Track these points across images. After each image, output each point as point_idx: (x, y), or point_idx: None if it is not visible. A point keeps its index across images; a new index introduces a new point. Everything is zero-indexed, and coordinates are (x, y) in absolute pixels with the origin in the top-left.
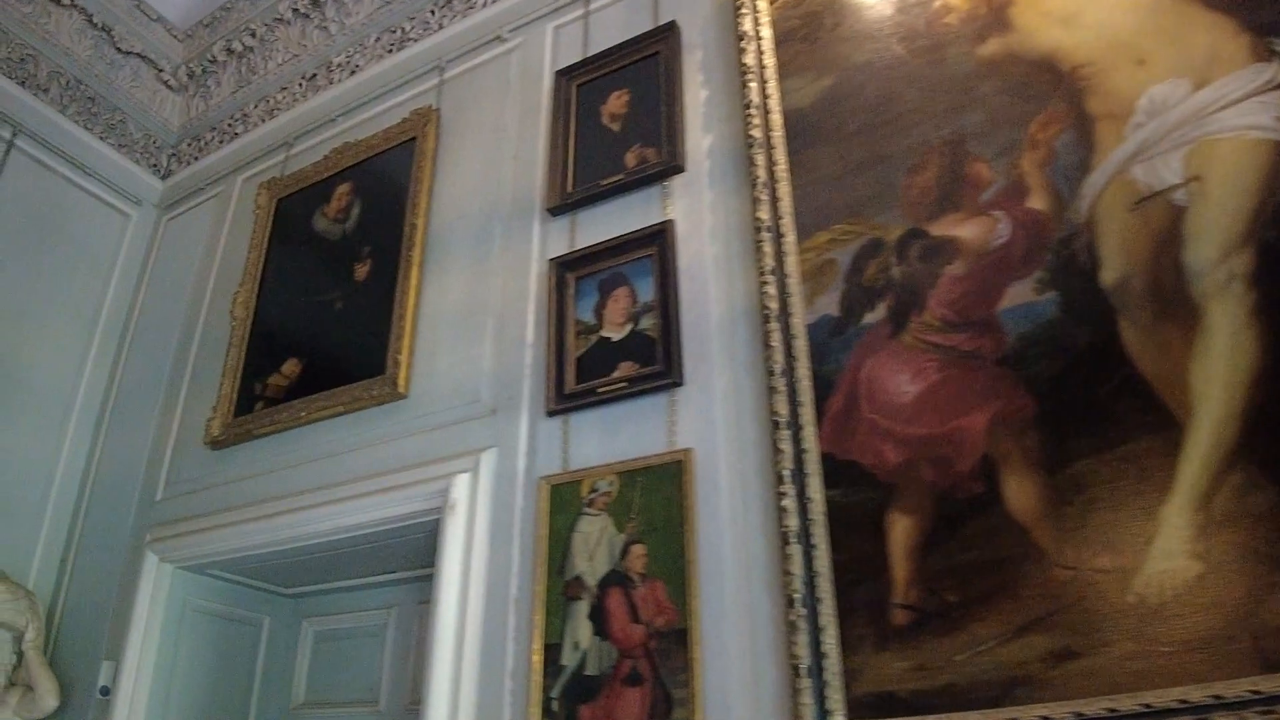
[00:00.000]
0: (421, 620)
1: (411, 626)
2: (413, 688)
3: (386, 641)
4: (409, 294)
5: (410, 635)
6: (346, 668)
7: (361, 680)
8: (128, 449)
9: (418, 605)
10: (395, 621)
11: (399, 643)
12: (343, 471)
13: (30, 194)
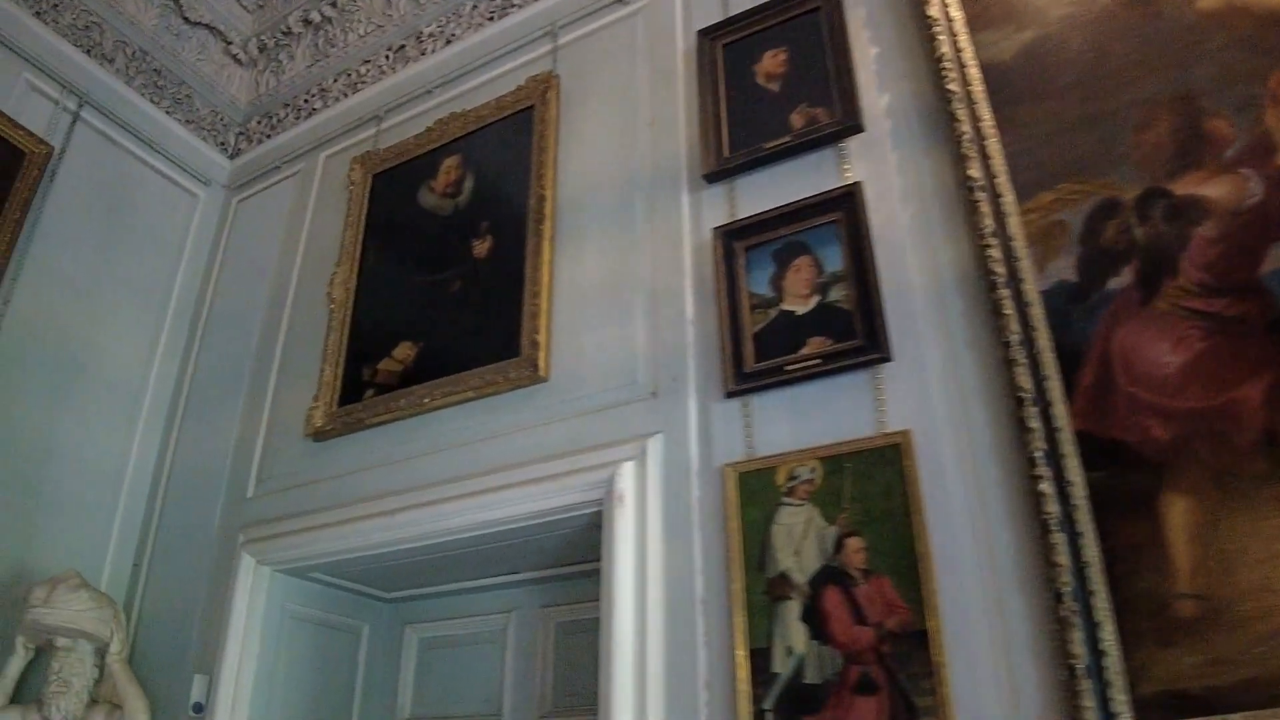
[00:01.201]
0: (545, 625)
1: (535, 631)
2: (543, 698)
3: (507, 648)
4: (542, 270)
5: (535, 641)
6: (459, 677)
7: (478, 690)
8: (207, 442)
9: (541, 609)
10: (515, 626)
11: (522, 649)
12: (477, 462)
13: (96, 170)
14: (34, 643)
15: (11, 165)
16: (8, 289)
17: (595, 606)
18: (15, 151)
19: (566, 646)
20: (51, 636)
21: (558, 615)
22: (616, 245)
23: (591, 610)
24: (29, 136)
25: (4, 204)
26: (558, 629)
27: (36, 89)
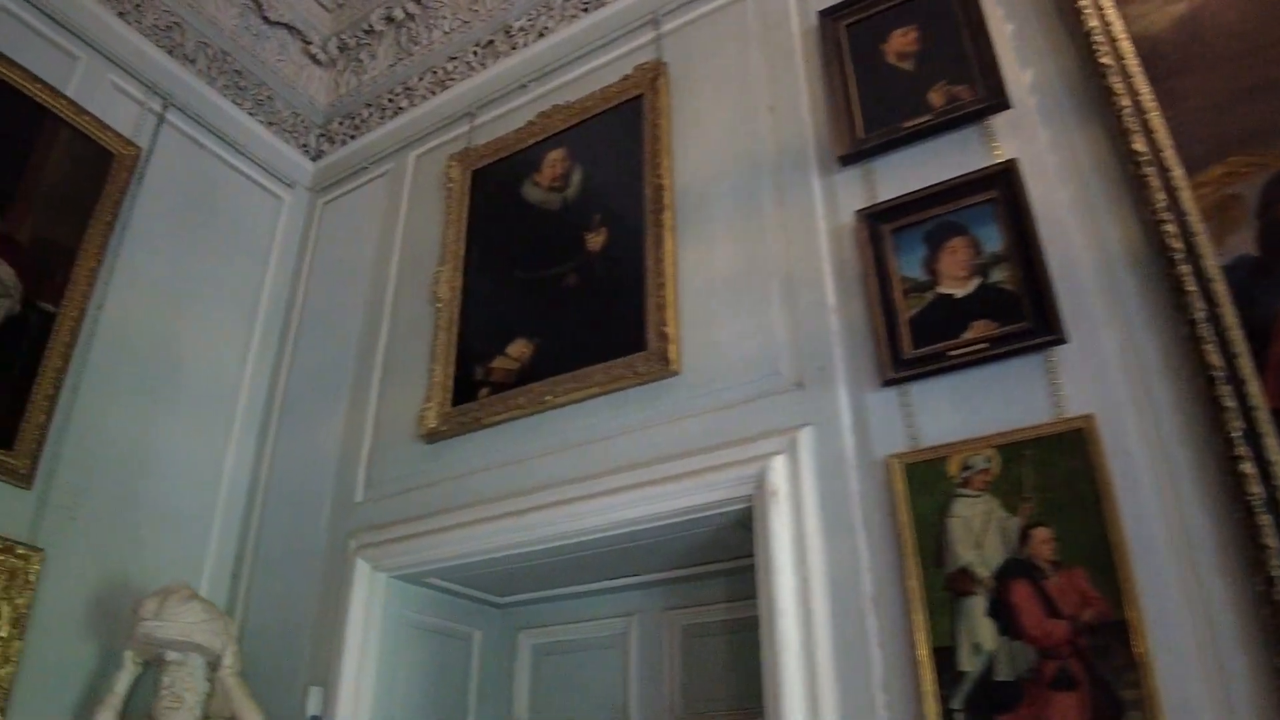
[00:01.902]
0: (670, 629)
1: (660, 635)
2: (673, 705)
3: (630, 653)
4: (665, 261)
5: (660, 645)
6: (578, 684)
7: (600, 698)
8: (307, 447)
9: (664, 612)
10: (638, 630)
11: (647, 655)
12: (608, 460)
13: (182, 172)
14: (143, 657)
15: (101, 167)
16: (101, 293)
17: (723, 609)
18: (104, 153)
19: (694, 651)
20: (162, 650)
21: (683, 618)
22: (744, 233)
23: (720, 613)
24: (117, 138)
25: (95, 205)
26: (684, 633)
27: (122, 90)
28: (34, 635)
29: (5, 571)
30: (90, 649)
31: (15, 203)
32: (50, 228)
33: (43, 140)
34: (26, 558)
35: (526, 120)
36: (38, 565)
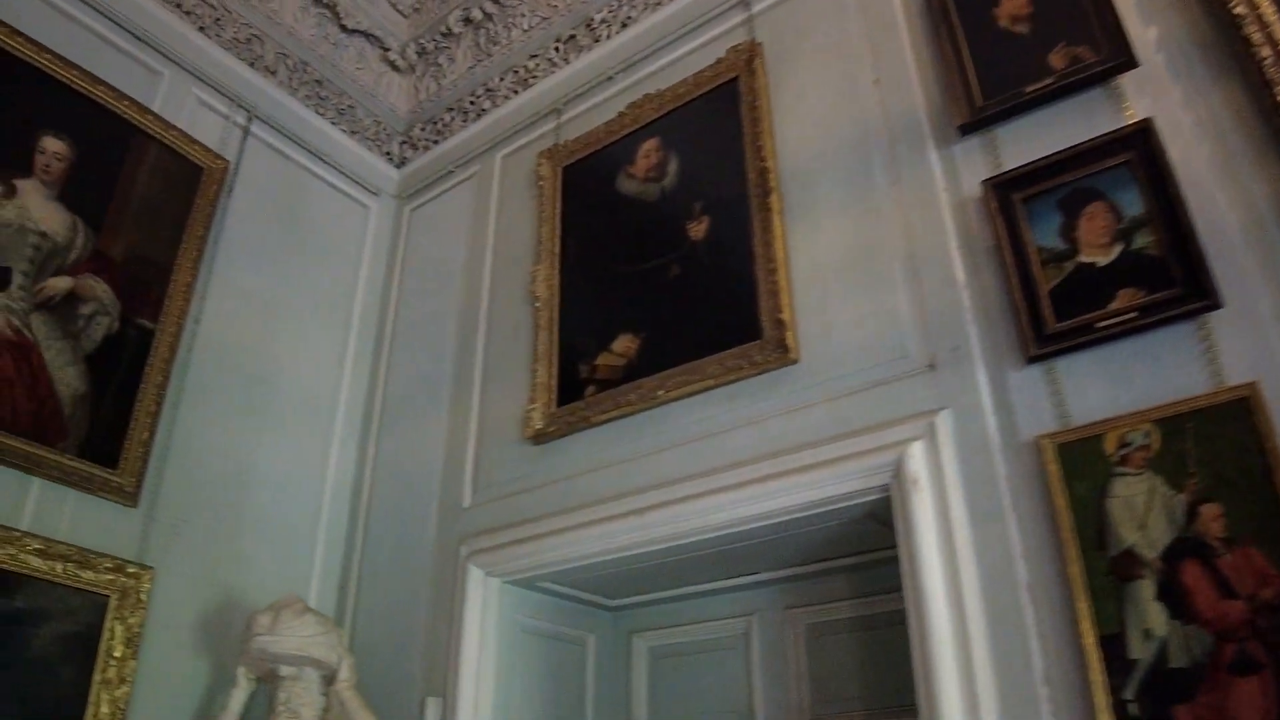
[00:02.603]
0: (793, 628)
1: (783, 635)
2: (800, 706)
3: (751, 653)
4: (775, 246)
5: (784, 645)
6: (698, 687)
7: (723, 701)
8: (410, 454)
9: (785, 610)
10: (759, 630)
11: (770, 655)
12: (726, 454)
13: (270, 183)
14: (257, 673)
15: (190, 181)
16: (197, 307)
17: (850, 606)
18: (193, 167)
19: (820, 650)
20: (276, 665)
21: (806, 617)
22: (858, 212)
23: (846, 610)
24: (205, 151)
25: (187, 220)
26: (808, 631)
27: (206, 104)
28: (147, 654)
29: (117, 591)
30: (203, 666)
31: (108, 220)
32: (144, 244)
33: (131, 157)
34: (137, 576)
35: (616, 112)
36: (148, 584)
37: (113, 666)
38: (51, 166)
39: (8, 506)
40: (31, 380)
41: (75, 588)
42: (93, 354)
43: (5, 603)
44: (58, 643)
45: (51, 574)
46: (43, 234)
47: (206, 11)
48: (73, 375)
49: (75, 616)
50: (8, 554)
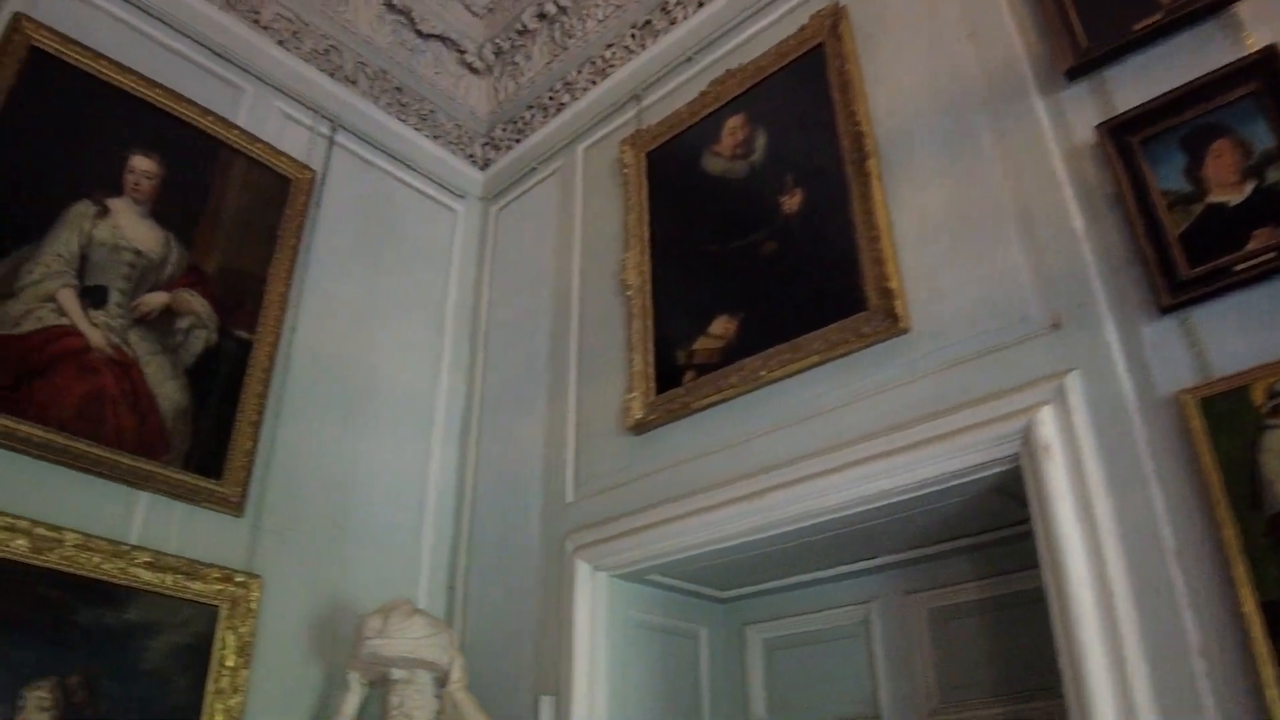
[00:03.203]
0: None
1: (905, 621)
2: (928, 694)
3: (873, 642)
4: (875, 213)
5: (907, 631)
6: (818, 678)
7: (845, 691)
8: (510, 452)
9: (906, 596)
10: (880, 617)
11: (892, 642)
12: (837, 432)
13: (357, 191)
14: (369, 677)
15: (279, 192)
16: (293, 316)
17: (976, 588)
18: (280, 179)
19: (946, 635)
20: (388, 669)
21: (929, 601)
22: (962, 171)
23: (971, 592)
24: (291, 163)
25: (278, 231)
26: (931, 617)
27: (291, 117)
28: (259, 663)
29: (227, 600)
30: (315, 672)
31: (200, 234)
32: (237, 256)
33: (219, 171)
34: (246, 585)
35: (698, 91)
36: (257, 592)
37: (225, 676)
38: (142, 185)
39: (116, 521)
40: (133, 396)
41: (186, 599)
42: (192, 367)
43: (118, 616)
44: (171, 654)
45: (162, 586)
46: (137, 251)
47: (284, 25)
48: (173, 389)
49: (187, 627)
50: (118, 568)
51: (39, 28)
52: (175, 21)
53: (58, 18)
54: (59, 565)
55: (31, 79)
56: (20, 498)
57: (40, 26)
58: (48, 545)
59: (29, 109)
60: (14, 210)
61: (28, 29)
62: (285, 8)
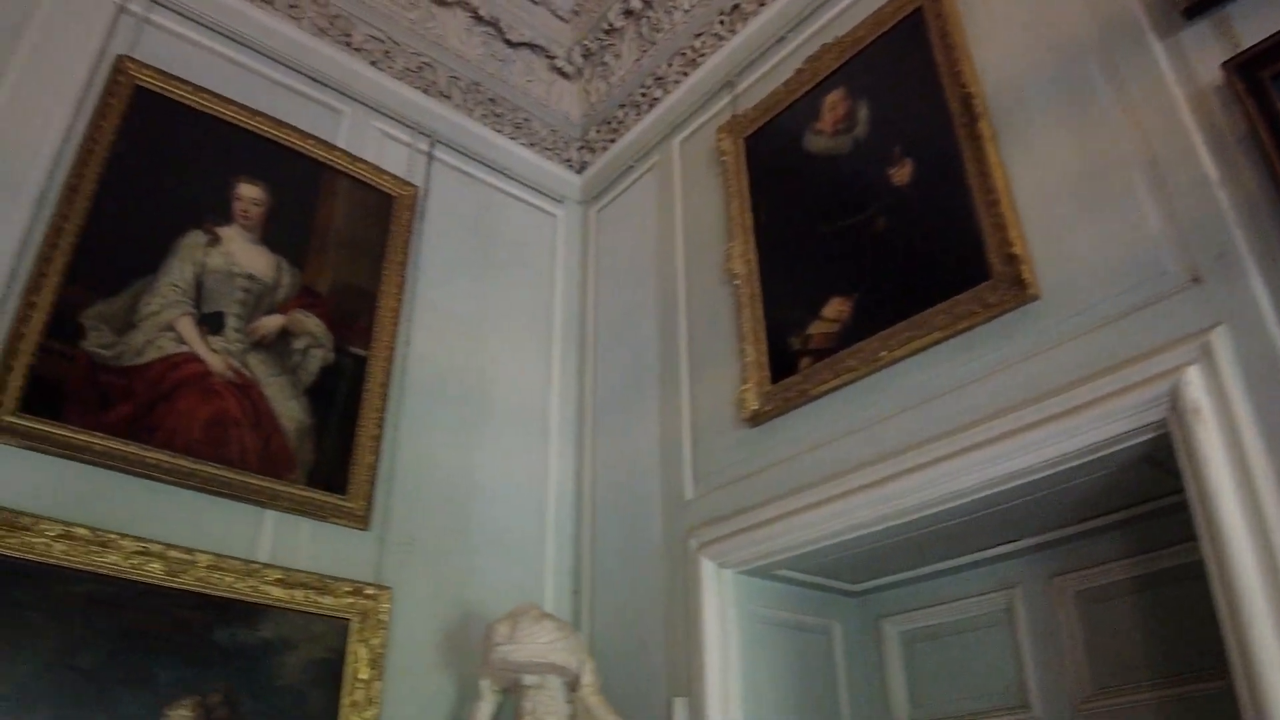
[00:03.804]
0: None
1: (1050, 606)
2: (1079, 682)
3: (1017, 629)
4: (992, 176)
5: (1053, 617)
6: (959, 671)
7: (990, 683)
8: (626, 453)
9: (1050, 580)
10: (1023, 603)
11: (1038, 629)
12: (966, 410)
13: (460, 204)
14: (501, 684)
15: (384, 209)
16: (405, 330)
17: (1124, 566)
18: (384, 196)
19: (1095, 618)
20: (519, 674)
21: (1074, 583)
22: (1080, 125)
23: (1120, 571)
24: (393, 180)
25: (386, 247)
26: (1077, 599)
27: (390, 136)
28: (392, 674)
29: (357, 613)
30: (447, 681)
31: (310, 256)
32: (347, 275)
33: (324, 193)
34: (375, 597)
35: (794, 70)
36: (386, 604)
37: (359, 689)
38: (250, 211)
39: (246, 540)
40: (256, 417)
41: (317, 614)
42: (311, 386)
43: (253, 634)
44: (305, 669)
45: (293, 602)
46: (250, 276)
47: (376, 46)
48: (295, 408)
49: (320, 642)
50: (250, 586)
51: (142, 67)
52: (271, 51)
53: (158, 56)
54: (193, 586)
55: (138, 117)
56: (153, 522)
57: (143, 66)
58: (182, 567)
59: (138, 146)
60: (129, 244)
61: (131, 69)
62: (376, 29)
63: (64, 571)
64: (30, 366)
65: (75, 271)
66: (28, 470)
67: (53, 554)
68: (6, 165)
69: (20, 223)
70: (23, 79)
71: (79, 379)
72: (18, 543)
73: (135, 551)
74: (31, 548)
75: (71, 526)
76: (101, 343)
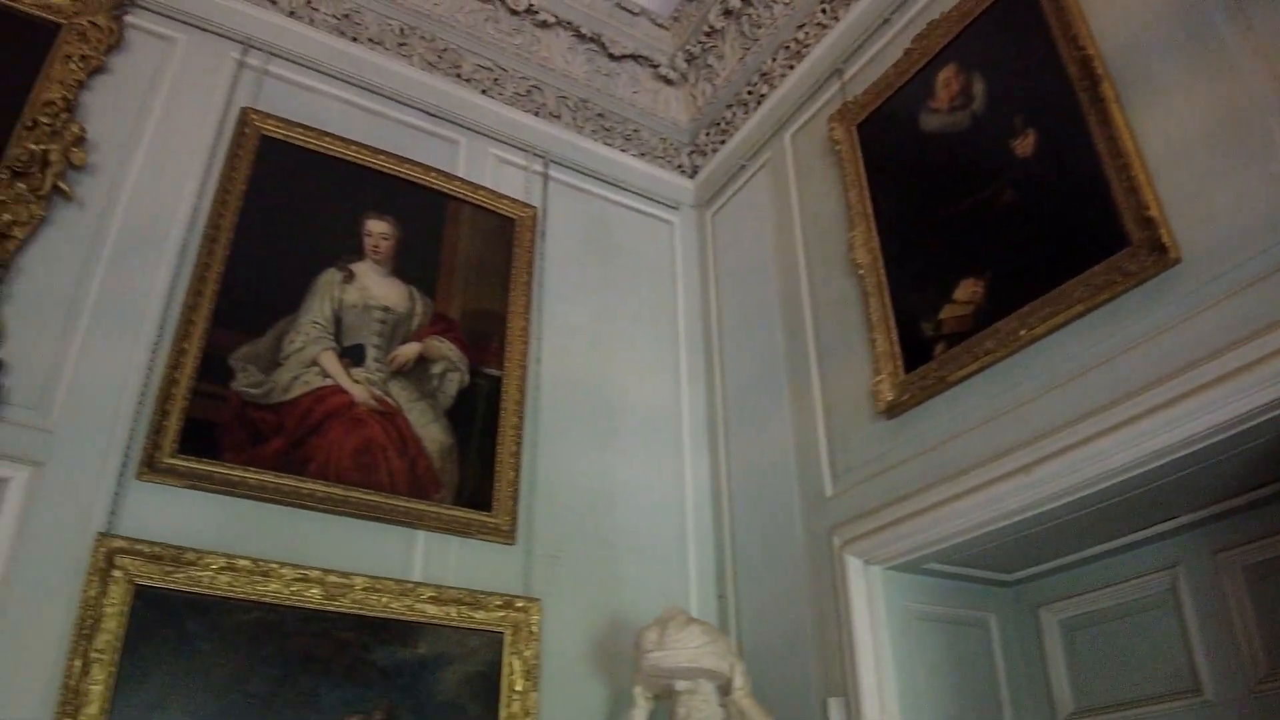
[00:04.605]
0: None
1: (1218, 583)
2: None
3: (1183, 610)
4: (1121, 139)
5: (1221, 595)
6: (1125, 656)
7: (1157, 667)
8: (761, 454)
9: (1214, 555)
10: (1187, 582)
11: (1206, 608)
12: (1113, 385)
13: (578, 221)
14: (653, 690)
15: (505, 232)
16: (536, 347)
17: None
18: (506, 220)
19: (1267, 594)
20: (671, 680)
21: (1243, 558)
22: (1209, 75)
23: None
24: (513, 203)
25: (510, 268)
26: (1247, 575)
27: (505, 160)
28: (546, 685)
29: (509, 626)
30: (600, 689)
31: (439, 283)
32: (477, 298)
33: (448, 222)
34: (525, 610)
35: (902, 50)
36: (537, 615)
37: (516, 700)
38: (380, 246)
39: (399, 561)
40: (401, 442)
41: (470, 628)
42: (450, 408)
43: (411, 651)
44: (462, 683)
45: (446, 619)
46: (385, 308)
47: (484, 75)
48: (436, 431)
49: (475, 656)
50: (405, 605)
51: (265, 117)
52: (386, 90)
53: (279, 105)
54: (351, 609)
55: (266, 164)
56: (310, 549)
57: (266, 116)
58: (339, 591)
59: (268, 192)
60: (269, 286)
61: (255, 120)
62: (483, 58)
63: (230, 602)
64: (185, 410)
65: (220, 316)
66: (190, 508)
67: (218, 586)
68: (149, 222)
69: (165, 275)
70: (157, 141)
71: (232, 418)
72: (185, 577)
73: (295, 579)
74: (198, 581)
75: (234, 559)
76: (250, 382)
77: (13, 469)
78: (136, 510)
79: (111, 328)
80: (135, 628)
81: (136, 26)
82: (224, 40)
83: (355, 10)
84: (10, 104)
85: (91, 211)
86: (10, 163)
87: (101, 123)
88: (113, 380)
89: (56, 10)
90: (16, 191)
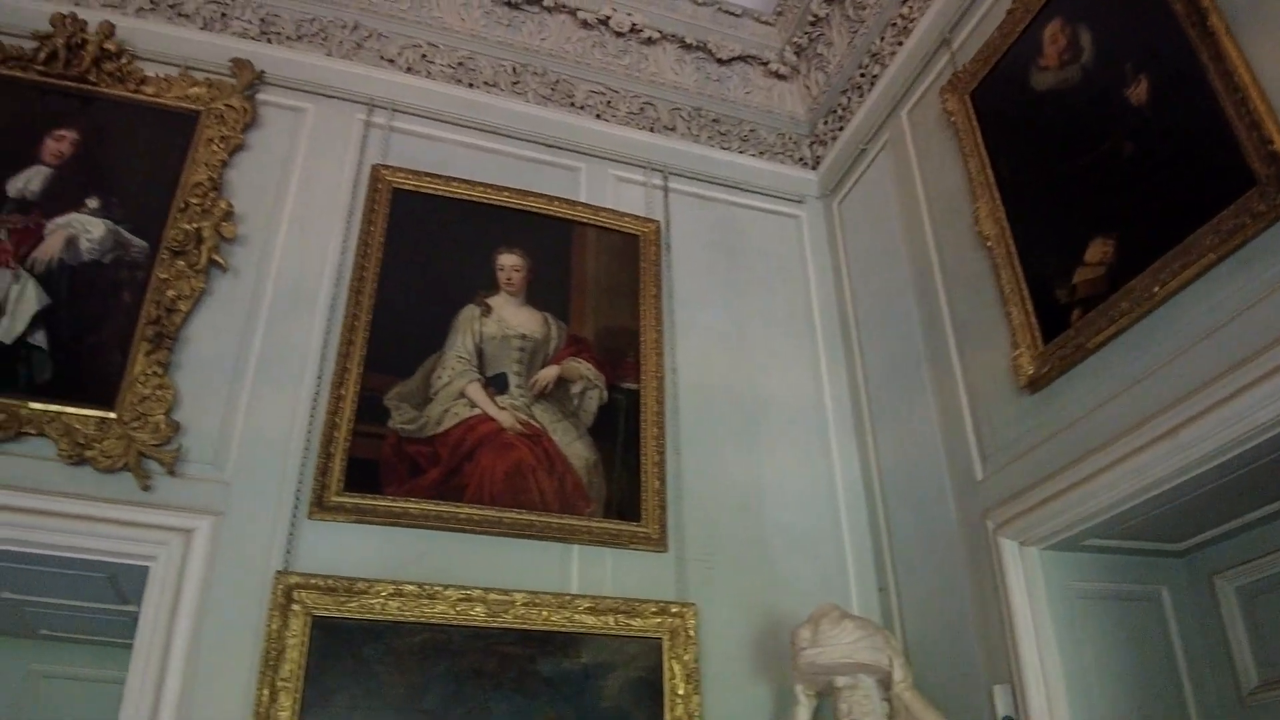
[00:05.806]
0: None
1: None
2: None
3: None
4: (1236, 71)
5: None
6: None
7: None
8: (907, 442)
9: None
10: None
11: None
12: (1256, 335)
13: (702, 228)
14: (814, 688)
15: (631, 249)
16: (670, 358)
17: None
18: (630, 238)
19: None
20: (829, 677)
21: None
22: None
23: None
24: (636, 220)
25: (639, 283)
26: None
27: (625, 180)
28: (708, 687)
29: (667, 632)
30: (761, 690)
31: (572, 306)
32: (608, 317)
33: (575, 247)
34: (681, 614)
35: (1005, 11)
36: (693, 620)
37: (679, 704)
38: (512, 278)
39: (556, 575)
40: (548, 462)
41: (629, 636)
42: (592, 425)
43: (574, 661)
44: (625, 690)
45: (605, 628)
46: (523, 336)
47: (597, 99)
48: (581, 448)
49: (636, 663)
50: (564, 617)
51: (395, 171)
52: (505, 129)
53: (407, 157)
54: (513, 624)
55: (400, 214)
56: (471, 570)
57: (396, 169)
58: (501, 608)
59: (405, 240)
60: (414, 329)
61: (386, 175)
62: (594, 83)
63: (400, 626)
64: (347, 450)
65: (371, 361)
66: (357, 541)
67: (388, 611)
68: (299, 282)
69: (319, 329)
70: (298, 206)
71: (390, 454)
72: (358, 606)
73: (459, 599)
74: (370, 609)
75: (401, 585)
76: (405, 419)
77: (197, 520)
78: (310, 547)
79: (274, 382)
80: (315, 656)
81: (268, 102)
82: (349, 104)
83: (469, 57)
84: (165, 190)
85: (246, 279)
86: (169, 244)
87: (246, 196)
88: (279, 430)
89: (195, 99)
90: (177, 269)
